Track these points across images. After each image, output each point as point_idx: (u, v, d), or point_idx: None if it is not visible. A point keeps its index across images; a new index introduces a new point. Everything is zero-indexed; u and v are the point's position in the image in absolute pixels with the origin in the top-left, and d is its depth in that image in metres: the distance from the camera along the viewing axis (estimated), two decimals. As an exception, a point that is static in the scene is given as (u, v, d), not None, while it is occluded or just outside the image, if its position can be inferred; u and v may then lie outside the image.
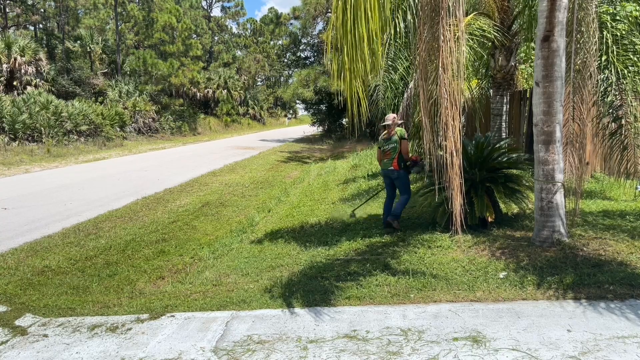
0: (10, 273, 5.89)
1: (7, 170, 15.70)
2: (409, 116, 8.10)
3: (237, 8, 56.60)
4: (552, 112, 4.99)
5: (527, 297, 4.10)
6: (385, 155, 6.60)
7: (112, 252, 6.82)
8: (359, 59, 4.53)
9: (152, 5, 33.89)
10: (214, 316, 4.18)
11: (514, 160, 6.31)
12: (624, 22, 6.27)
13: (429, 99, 4.56)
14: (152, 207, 9.94)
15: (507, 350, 3.25)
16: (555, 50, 4.90)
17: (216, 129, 41.14)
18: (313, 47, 36.67)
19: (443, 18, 4.06)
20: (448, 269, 4.82)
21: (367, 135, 21.44)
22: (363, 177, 12.26)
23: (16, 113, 20.15)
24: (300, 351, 3.41)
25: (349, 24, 4.46)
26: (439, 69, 4.11)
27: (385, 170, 6.64)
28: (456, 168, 4.03)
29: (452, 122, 4.05)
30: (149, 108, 30.56)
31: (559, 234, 5.10)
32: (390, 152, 6.53)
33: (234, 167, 17.38)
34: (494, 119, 8.40)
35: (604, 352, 3.16)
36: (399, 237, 6.15)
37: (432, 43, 4.37)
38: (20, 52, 23.91)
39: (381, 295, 4.32)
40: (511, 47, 7.91)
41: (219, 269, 5.80)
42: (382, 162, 6.68)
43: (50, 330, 4.08)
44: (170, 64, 33.00)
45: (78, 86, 28.42)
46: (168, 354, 3.50)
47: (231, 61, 50.27)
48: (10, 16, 33.26)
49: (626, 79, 6.09)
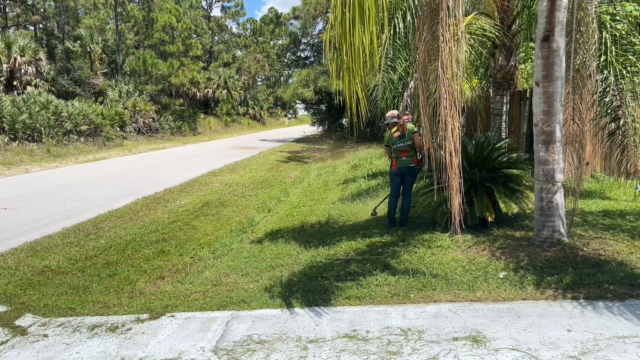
0: (10, 273, 5.89)
1: (7, 170, 15.70)
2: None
3: (237, 8, 56.59)
4: (552, 112, 4.99)
5: (527, 297, 4.10)
6: (403, 153, 6.58)
7: (112, 252, 6.82)
8: (358, 59, 4.53)
9: (152, 5, 33.88)
10: (214, 316, 4.18)
11: (514, 160, 6.31)
12: (623, 22, 6.27)
13: (428, 98, 4.56)
14: (152, 207, 9.94)
15: (507, 350, 3.25)
16: (555, 50, 4.90)
17: (216, 129, 41.13)
18: (313, 47, 36.67)
19: (442, 18, 4.06)
20: (448, 268, 4.82)
21: (367, 135, 21.43)
22: (363, 177, 12.26)
23: (16, 113, 20.15)
24: (300, 351, 3.41)
25: (347, 23, 4.46)
26: (439, 69, 4.10)
27: (405, 168, 6.60)
28: (455, 168, 4.03)
29: (452, 122, 4.05)
30: (149, 108, 30.55)
31: (559, 234, 5.11)
32: (408, 149, 6.54)
33: (234, 167, 17.38)
34: (494, 118, 8.40)
35: (604, 352, 3.16)
36: (399, 237, 6.15)
37: (431, 43, 4.37)
38: (20, 52, 23.89)
39: (381, 295, 4.32)
40: (511, 46, 7.91)
41: (219, 269, 5.80)
42: (400, 160, 6.61)
43: (50, 330, 4.08)
44: (170, 63, 32.99)
45: (78, 86, 28.42)
46: (168, 354, 3.50)
47: (231, 61, 50.28)
48: (10, 16, 33.25)
49: (624, 79, 6.09)
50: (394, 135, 6.63)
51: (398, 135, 6.59)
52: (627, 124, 6.24)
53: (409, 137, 6.52)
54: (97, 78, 30.65)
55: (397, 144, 6.61)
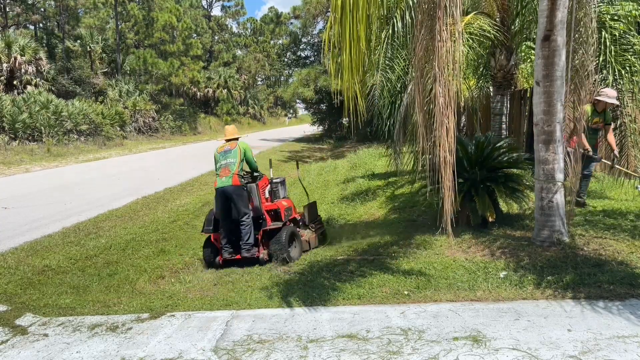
0: (10, 272, 5.88)
1: (7, 169, 15.70)
2: (408, 116, 8.08)
3: (237, 7, 56.61)
4: (552, 112, 4.98)
5: (528, 296, 4.10)
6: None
7: (112, 252, 6.82)
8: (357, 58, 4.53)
9: (152, 5, 33.87)
10: (214, 315, 4.18)
11: (515, 159, 6.30)
12: (623, 21, 6.27)
13: (425, 98, 4.57)
14: (152, 207, 9.93)
15: (508, 349, 3.24)
16: (555, 50, 4.89)
17: (216, 128, 41.12)
18: (313, 46, 36.69)
19: (440, 18, 4.05)
20: (448, 268, 4.82)
21: (367, 135, 21.41)
22: (363, 176, 12.26)
23: (16, 112, 20.15)
24: (300, 350, 3.41)
25: (347, 23, 4.46)
26: (435, 68, 4.10)
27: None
28: (449, 168, 4.04)
29: (447, 122, 4.05)
30: (149, 107, 30.55)
31: (559, 234, 5.10)
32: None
33: (234, 166, 17.33)
34: (494, 118, 8.39)
35: (604, 351, 3.16)
36: (399, 237, 6.15)
37: (428, 42, 4.36)
38: (21, 52, 23.88)
39: (381, 295, 4.32)
40: (511, 46, 7.90)
41: (219, 268, 5.80)
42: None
43: (50, 329, 4.08)
44: (171, 63, 32.99)
45: (78, 85, 28.42)
46: (168, 354, 3.50)
47: (231, 60, 50.30)
48: (10, 15, 33.23)
49: (623, 79, 6.08)
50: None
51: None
52: (625, 124, 6.23)
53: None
54: (97, 77, 30.64)
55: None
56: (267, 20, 56.73)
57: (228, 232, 5.91)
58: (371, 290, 4.44)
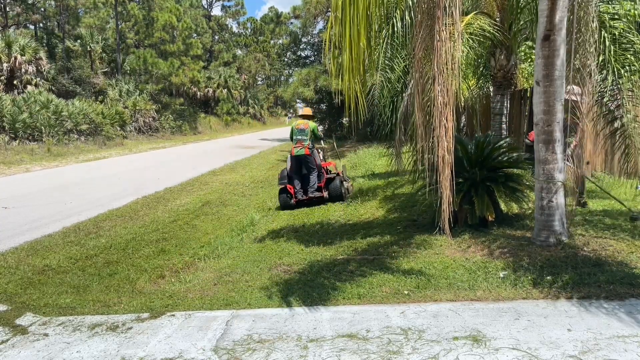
0: (10, 272, 5.89)
1: (7, 169, 15.71)
2: (408, 116, 8.08)
3: (237, 7, 56.63)
4: (552, 112, 4.98)
5: (528, 296, 4.10)
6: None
7: (112, 251, 6.83)
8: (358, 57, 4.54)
9: (153, 5, 33.88)
10: (214, 315, 4.18)
11: (515, 159, 6.30)
12: (623, 20, 6.25)
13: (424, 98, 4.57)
14: (153, 207, 9.94)
15: (508, 349, 3.25)
16: (555, 50, 4.89)
17: (216, 128, 41.16)
18: (313, 46, 36.64)
19: (439, 18, 4.05)
20: (448, 268, 4.82)
21: (367, 135, 21.40)
22: (363, 176, 12.26)
23: (16, 112, 20.15)
24: (300, 350, 3.41)
25: (347, 22, 4.46)
26: (434, 68, 4.10)
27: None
28: (447, 168, 4.04)
29: (446, 122, 4.06)
30: (149, 107, 30.56)
31: (559, 234, 5.10)
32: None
33: (234, 166, 17.39)
34: (494, 118, 8.39)
35: (604, 351, 3.16)
36: (399, 237, 6.15)
37: (428, 43, 4.36)
38: (21, 51, 23.89)
39: (381, 295, 4.33)
40: (511, 46, 7.89)
41: (219, 268, 5.81)
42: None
43: (50, 329, 4.09)
44: (171, 63, 33.00)
45: (78, 85, 28.43)
46: (168, 353, 3.50)
47: (231, 60, 50.33)
48: (10, 15, 33.24)
49: (622, 79, 6.07)
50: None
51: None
52: (626, 124, 6.23)
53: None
54: (97, 77, 30.66)
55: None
56: (267, 20, 56.76)
57: (300, 182, 9.22)
58: (371, 289, 4.45)
